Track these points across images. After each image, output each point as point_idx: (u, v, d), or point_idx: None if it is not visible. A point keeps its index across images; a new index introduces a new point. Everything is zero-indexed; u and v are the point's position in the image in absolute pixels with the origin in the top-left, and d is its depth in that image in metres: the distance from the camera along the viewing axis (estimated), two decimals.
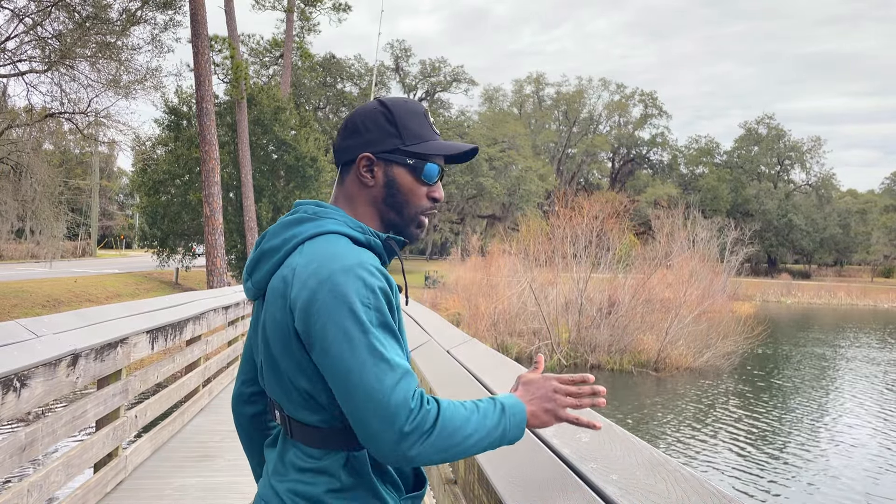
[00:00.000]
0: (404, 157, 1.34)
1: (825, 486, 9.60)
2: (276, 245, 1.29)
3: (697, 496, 1.15)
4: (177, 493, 4.34)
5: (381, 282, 1.20)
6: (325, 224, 1.28)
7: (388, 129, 1.34)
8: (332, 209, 1.32)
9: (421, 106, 1.40)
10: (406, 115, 1.35)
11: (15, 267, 31.48)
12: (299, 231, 1.28)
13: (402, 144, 1.33)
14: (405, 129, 1.34)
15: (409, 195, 1.35)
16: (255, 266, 1.33)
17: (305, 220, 1.30)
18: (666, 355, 18.52)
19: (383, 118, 1.35)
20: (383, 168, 1.34)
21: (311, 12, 33.04)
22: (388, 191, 1.35)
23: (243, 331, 9.21)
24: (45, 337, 3.17)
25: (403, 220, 1.37)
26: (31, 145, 21.29)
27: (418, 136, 1.34)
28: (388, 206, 1.35)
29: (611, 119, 78.92)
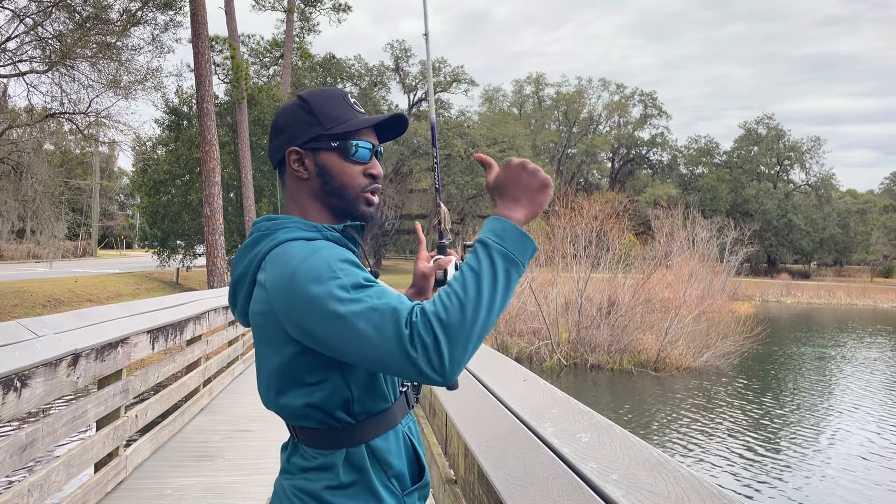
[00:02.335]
0: (328, 140, 1.35)
1: (825, 485, 9.60)
2: (242, 271, 1.31)
3: (697, 495, 1.15)
4: (177, 493, 4.34)
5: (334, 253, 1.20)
6: (279, 235, 1.28)
7: (307, 119, 1.36)
8: (285, 219, 1.33)
9: (338, 90, 1.42)
10: (322, 101, 1.37)
11: (15, 267, 31.48)
12: (257, 251, 1.29)
13: (323, 130, 1.35)
14: (323, 114, 1.35)
15: (342, 177, 1.36)
16: (233, 297, 1.35)
17: (261, 237, 1.31)
18: (666, 355, 18.51)
19: (301, 110, 1.37)
20: (312, 158, 1.36)
21: (311, 12, 33.06)
22: (323, 178, 1.36)
23: (244, 331, 9.21)
24: (46, 337, 3.18)
25: (348, 203, 1.37)
26: (32, 145, 21.29)
27: (337, 119, 1.35)
28: (328, 193, 1.36)
29: (611, 119, 78.92)
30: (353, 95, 1.43)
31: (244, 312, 1.33)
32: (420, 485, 1.37)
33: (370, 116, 1.39)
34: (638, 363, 18.37)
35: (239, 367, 8.88)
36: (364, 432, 1.28)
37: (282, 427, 5.53)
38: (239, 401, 7.29)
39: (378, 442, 1.29)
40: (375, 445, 1.29)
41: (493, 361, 3.17)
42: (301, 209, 1.38)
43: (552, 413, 1.86)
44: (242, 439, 5.72)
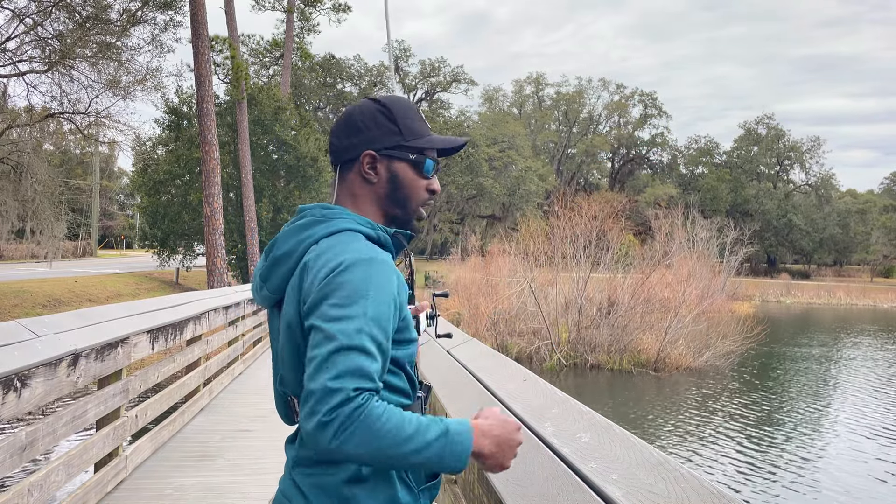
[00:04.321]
0: (406, 152, 1.38)
1: (825, 485, 9.60)
2: (289, 250, 1.32)
3: (697, 495, 1.15)
4: (177, 493, 4.34)
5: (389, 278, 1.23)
6: (337, 223, 1.31)
7: (388, 126, 1.38)
8: (340, 209, 1.35)
9: (412, 102, 1.46)
10: (404, 111, 1.40)
11: (15, 267, 31.47)
12: (311, 233, 1.31)
13: (404, 140, 1.38)
14: (405, 125, 1.39)
15: (411, 189, 1.39)
16: (269, 273, 1.35)
17: (315, 222, 1.33)
18: (665, 355, 18.51)
19: (383, 116, 1.39)
20: (386, 164, 1.38)
21: (311, 12, 33.04)
22: (392, 186, 1.39)
23: (243, 331, 9.21)
24: (46, 337, 3.18)
25: (407, 213, 1.41)
26: (32, 145, 21.29)
27: (417, 133, 1.39)
28: (392, 202, 1.39)
29: (610, 119, 78.92)
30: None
31: (277, 289, 1.33)
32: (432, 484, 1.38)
33: (444, 137, 1.44)
34: (638, 363, 18.37)
35: (239, 367, 8.88)
36: None
37: (282, 427, 5.53)
38: (239, 401, 7.29)
39: None
40: None
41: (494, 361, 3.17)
42: (357, 208, 1.40)
43: (552, 413, 1.86)
44: (242, 439, 5.72)
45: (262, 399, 7.46)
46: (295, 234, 1.33)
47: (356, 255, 1.22)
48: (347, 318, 1.15)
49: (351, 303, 1.16)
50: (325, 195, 30.57)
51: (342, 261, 1.21)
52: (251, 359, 9.89)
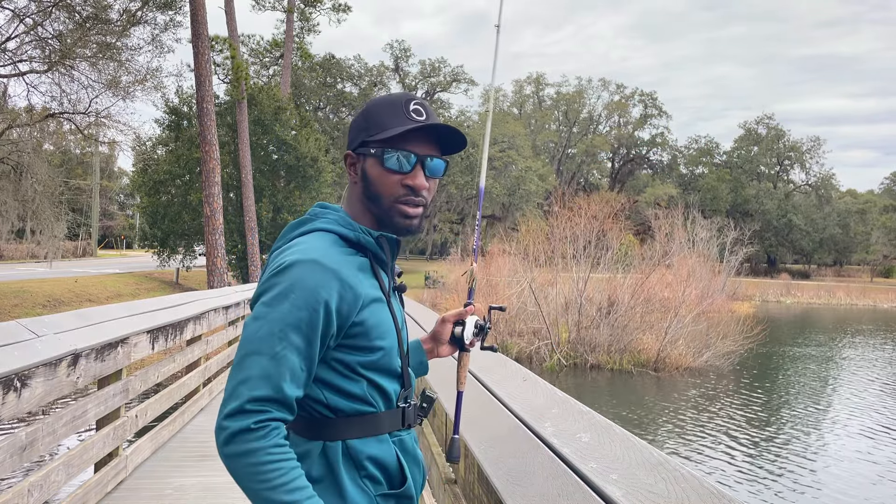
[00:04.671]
0: (368, 147, 1.36)
1: (825, 485, 9.60)
2: (278, 246, 1.36)
3: (697, 495, 1.15)
4: (177, 492, 4.34)
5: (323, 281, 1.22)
6: (315, 223, 1.35)
7: (361, 123, 1.39)
8: (333, 210, 1.39)
9: (405, 96, 1.40)
10: (379, 107, 1.38)
11: (15, 267, 31.48)
12: (294, 233, 1.36)
13: (367, 136, 1.36)
14: (372, 120, 1.37)
15: (378, 185, 1.36)
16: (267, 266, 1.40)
17: (303, 221, 1.37)
18: (665, 355, 18.52)
19: (361, 115, 1.40)
20: (361, 163, 1.39)
21: (311, 12, 33.05)
22: (364, 183, 1.38)
23: None
24: (46, 337, 3.18)
25: (382, 211, 1.37)
26: (32, 145, 21.30)
27: (382, 126, 1.35)
28: (367, 199, 1.38)
29: (610, 119, 78.91)
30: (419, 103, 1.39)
31: None
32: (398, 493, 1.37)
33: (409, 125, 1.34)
34: (638, 363, 18.37)
35: None
36: (341, 430, 1.30)
37: None
38: None
39: (356, 443, 1.31)
40: (352, 445, 1.31)
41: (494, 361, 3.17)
42: (353, 208, 1.41)
43: (552, 413, 1.86)
44: None
45: None
46: (289, 231, 1.38)
47: (299, 255, 1.23)
48: (266, 319, 1.19)
49: (275, 304, 1.20)
50: (325, 195, 30.56)
51: (284, 261, 1.24)
52: None
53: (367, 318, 1.28)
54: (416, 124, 1.34)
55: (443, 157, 1.41)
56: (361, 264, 1.33)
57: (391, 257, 1.40)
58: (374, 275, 1.35)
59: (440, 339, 1.60)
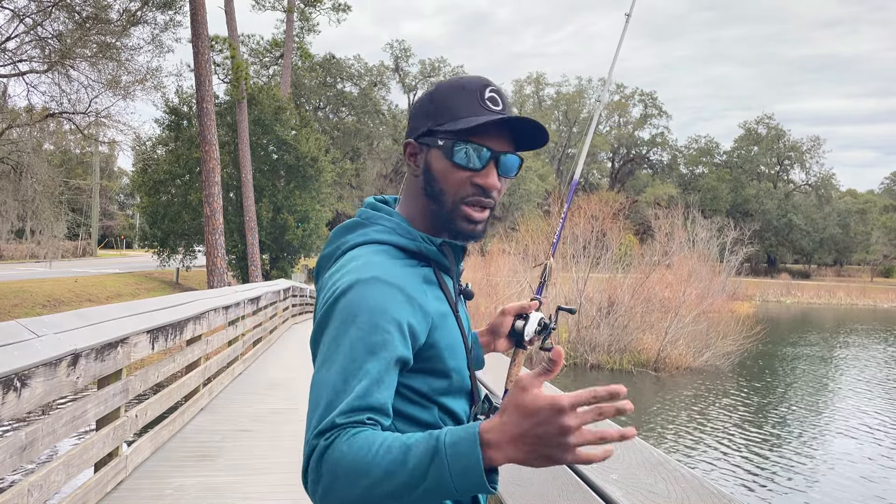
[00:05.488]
0: (435, 138, 1.19)
1: (825, 485, 9.60)
2: (329, 253, 1.23)
3: (697, 495, 1.15)
4: (177, 493, 4.34)
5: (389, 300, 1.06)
6: (370, 232, 1.19)
7: (426, 109, 1.21)
8: (387, 212, 1.23)
9: (481, 81, 1.21)
10: (449, 92, 1.20)
11: (15, 267, 31.47)
12: (346, 239, 1.21)
13: (434, 125, 1.19)
14: (443, 106, 1.19)
15: (443, 182, 1.19)
16: (317, 274, 1.27)
17: (357, 225, 1.22)
18: (665, 355, 18.51)
19: (426, 99, 1.22)
20: (424, 154, 1.21)
21: (311, 12, 33.06)
22: (426, 178, 1.21)
23: (243, 331, 9.21)
24: (46, 337, 3.18)
25: (445, 212, 1.20)
26: (32, 145, 21.29)
27: (453, 115, 1.17)
28: (429, 197, 1.21)
29: (611, 119, 78.91)
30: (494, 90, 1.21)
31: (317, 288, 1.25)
32: None
33: (489, 116, 1.17)
34: (638, 363, 18.37)
35: (239, 367, 8.88)
36: None
37: (281, 427, 5.55)
38: (239, 401, 7.29)
39: None
40: None
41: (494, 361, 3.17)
42: (412, 205, 1.25)
43: None
44: (242, 439, 5.72)
45: (262, 399, 7.47)
46: (338, 236, 1.23)
47: (354, 276, 1.08)
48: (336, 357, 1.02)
49: (341, 337, 1.03)
50: (325, 195, 30.57)
51: (339, 284, 1.08)
52: (251, 359, 9.89)
53: (439, 338, 1.13)
54: (494, 116, 1.16)
55: (518, 153, 1.23)
56: (425, 275, 1.18)
57: (456, 263, 1.24)
58: (439, 284, 1.20)
59: (499, 333, 1.46)
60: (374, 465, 0.90)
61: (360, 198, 47.78)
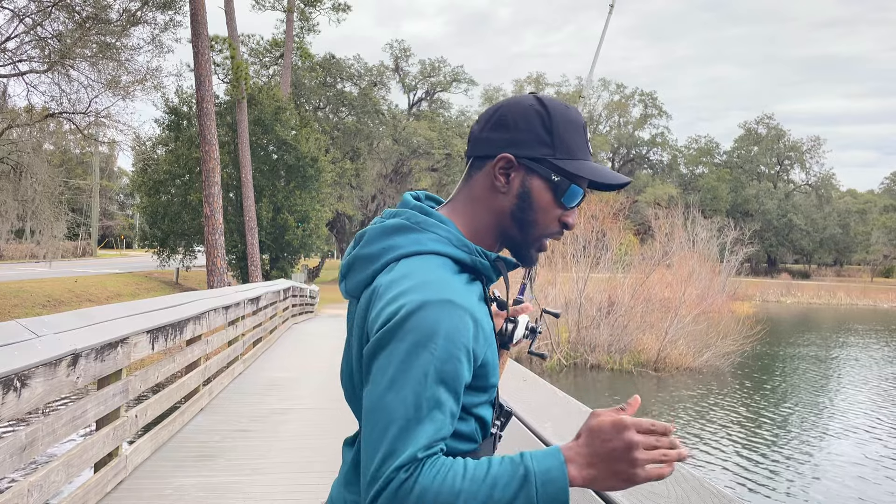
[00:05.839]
0: (550, 170, 1.16)
1: (825, 485, 9.60)
2: (372, 254, 1.15)
3: (697, 495, 1.15)
4: (177, 493, 4.34)
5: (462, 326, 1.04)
6: (424, 240, 1.13)
7: (541, 133, 1.16)
8: (438, 219, 1.16)
9: (581, 117, 1.22)
10: (565, 123, 1.17)
11: (15, 267, 31.48)
12: (396, 244, 1.13)
13: (553, 156, 1.15)
14: (560, 139, 1.16)
15: (540, 214, 1.17)
16: (347, 271, 1.19)
17: (405, 229, 1.15)
18: (666, 355, 18.51)
19: (539, 120, 1.17)
20: (522, 176, 1.16)
21: (311, 12, 33.07)
22: (520, 203, 1.17)
23: (243, 331, 9.22)
24: (46, 337, 3.17)
25: (525, 240, 1.19)
26: (32, 145, 21.29)
27: (571, 152, 1.16)
28: (514, 221, 1.18)
29: (611, 119, 78.96)
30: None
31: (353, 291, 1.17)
32: None
33: (602, 167, 1.19)
34: (638, 363, 18.36)
35: (239, 367, 8.88)
36: None
37: (281, 427, 5.54)
38: (239, 401, 7.29)
39: None
40: None
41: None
42: (475, 217, 1.19)
43: (552, 413, 1.86)
44: (242, 439, 5.72)
45: (262, 399, 7.47)
46: (382, 238, 1.15)
47: (426, 295, 1.02)
48: (404, 381, 0.99)
49: (412, 360, 0.99)
50: (325, 195, 30.56)
51: (405, 303, 1.02)
52: (251, 359, 9.89)
53: (489, 356, 1.12)
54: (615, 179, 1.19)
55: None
56: (479, 293, 1.16)
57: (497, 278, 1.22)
58: (485, 300, 1.18)
59: None
60: (462, 497, 0.94)
61: (361, 198, 47.76)
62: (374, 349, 1.04)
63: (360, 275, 1.15)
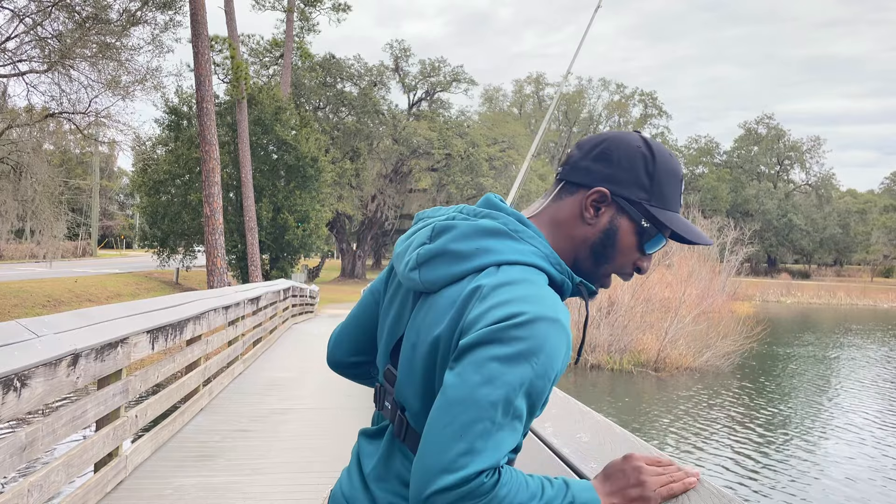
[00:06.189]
0: (641, 215, 1.17)
1: (825, 485, 9.60)
2: (465, 252, 1.13)
3: (697, 495, 1.15)
4: (177, 493, 4.34)
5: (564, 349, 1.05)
6: (525, 251, 1.12)
7: (642, 177, 1.17)
8: (534, 231, 1.16)
9: (681, 169, 1.23)
10: (666, 172, 1.18)
11: (15, 267, 31.48)
12: (495, 247, 1.12)
13: (648, 202, 1.17)
14: (659, 187, 1.17)
15: (620, 254, 1.18)
16: (428, 261, 1.15)
17: (503, 234, 1.14)
18: (666, 355, 18.51)
19: (642, 163, 1.17)
20: (612, 213, 1.17)
21: (311, 12, 33.06)
22: (605, 239, 1.17)
23: (243, 331, 9.21)
24: (46, 337, 3.17)
25: (596, 273, 1.20)
26: (32, 145, 21.29)
27: (666, 202, 1.18)
28: (593, 253, 1.18)
29: (611, 119, 78.90)
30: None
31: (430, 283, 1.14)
32: None
33: (688, 224, 1.20)
34: (638, 363, 18.37)
35: (239, 367, 8.88)
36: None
37: (281, 427, 5.52)
38: (239, 401, 7.29)
39: None
40: None
41: None
42: (553, 236, 1.19)
43: (552, 413, 1.86)
44: (242, 439, 5.72)
45: (262, 399, 7.47)
46: (477, 237, 1.13)
47: (541, 309, 1.02)
48: (501, 381, 0.98)
49: (514, 365, 0.99)
50: (325, 195, 30.55)
51: (524, 311, 1.01)
52: (251, 359, 9.89)
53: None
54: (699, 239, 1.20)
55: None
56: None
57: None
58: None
59: None
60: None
61: (361, 198, 47.74)
62: (475, 343, 1.02)
63: (447, 269, 1.13)
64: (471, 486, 0.95)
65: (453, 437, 0.97)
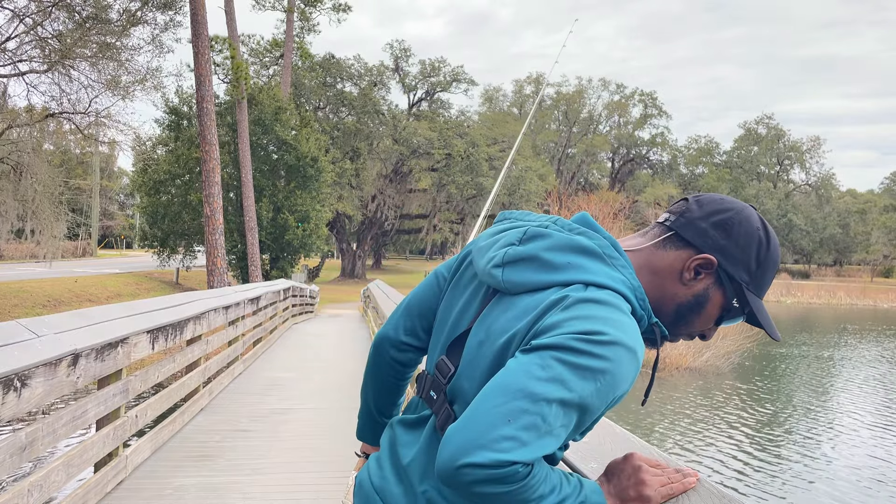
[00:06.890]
0: (736, 296, 1.18)
1: (825, 485, 9.60)
2: (555, 263, 1.12)
3: (697, 495, 1.15)
4: (177, 493, 4.34)
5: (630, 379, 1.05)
6: (616, 279, 1.12)
7: (751, 261, 1.18)
8: (626, 261, 1.16)
9: (779, 261, 1.26)
10: (772, 262, 1.21)
11: (15, 267, 31.48)
12: (586, 266, 1.12)
13: (747, 285, 1.18)
14: (762, 274, 1.20)
15: (700, 320, 1.21)
16: (515, 262, 1.15)
17: (597, 256, 1.13)
18: (665, 355, 18.52)
19: (756, 248, 1.18)
20: (710, 282, 1.18)
21: (311, 12, 33.06)
22: (694, 304, 1.19)
23: (243, 331, 9.21)
24: (46, 337, 3.18)
25: (668, 325, 1.21)
26: (32, 145, 21.29)
27: (760, 290, 1.21)
28: (676, 311, 1.20)
29: (611, 119, 78.93)
30: None
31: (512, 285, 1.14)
32: None
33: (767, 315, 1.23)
34: None
35: (239, 367, 8.88)
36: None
37: (281, 427, 5.53)
38: (239, 401, 7.29)
39: None
40: None
41: None
42: (644, 279, 1.19)
43: None
44: (242, 439, 5.72)
45: (262, 399, 7.47)
46: (571, 251, 1.14)
47: (622, 336, 1.03)
48: (564, 385, 0.98)
49: (583, 377, 0.99)
50: (325, 195, 30.54)
51: (606, 331, 1.02)
52: (251, 359, 9.89)
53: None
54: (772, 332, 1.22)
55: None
56: None
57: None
58: None
59: None
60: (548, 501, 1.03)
61: (361, 198, 47.75)
62: (550, 345, 1.02)
63: (533, 276, 1.13)
64: (506, 472, 0.95)
65: (502, 419, 0.96)
